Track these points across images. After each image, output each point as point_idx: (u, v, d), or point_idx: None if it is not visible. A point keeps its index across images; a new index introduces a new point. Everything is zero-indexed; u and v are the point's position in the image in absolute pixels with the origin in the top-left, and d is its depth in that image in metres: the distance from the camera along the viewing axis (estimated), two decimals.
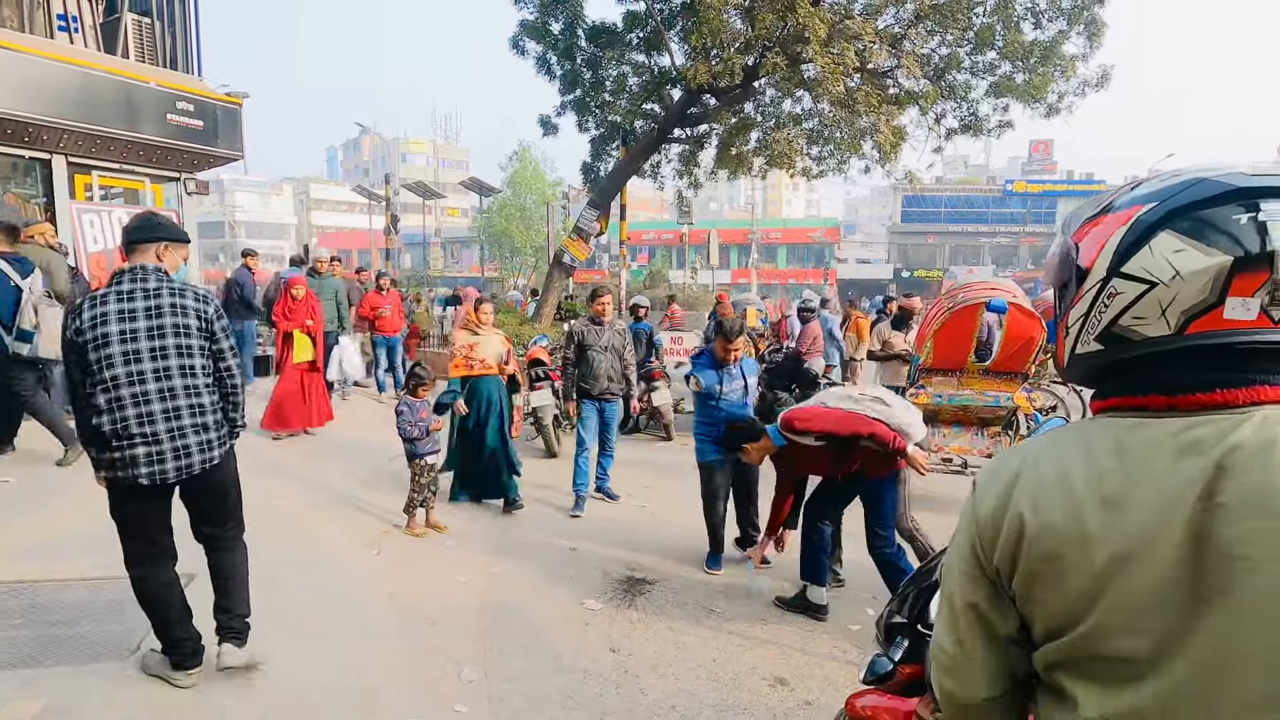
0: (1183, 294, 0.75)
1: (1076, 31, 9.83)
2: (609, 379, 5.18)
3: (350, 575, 3.86)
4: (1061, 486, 0.79)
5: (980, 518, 0.86)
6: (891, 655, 1.56)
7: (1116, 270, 0.79)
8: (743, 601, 3.75)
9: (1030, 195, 45.85)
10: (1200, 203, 0.74)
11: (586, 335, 5.21)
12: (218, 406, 2.65)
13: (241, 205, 64.79)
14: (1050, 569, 0.79)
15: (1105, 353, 0.82)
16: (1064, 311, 0.87)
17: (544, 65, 12.89)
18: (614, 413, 5.37)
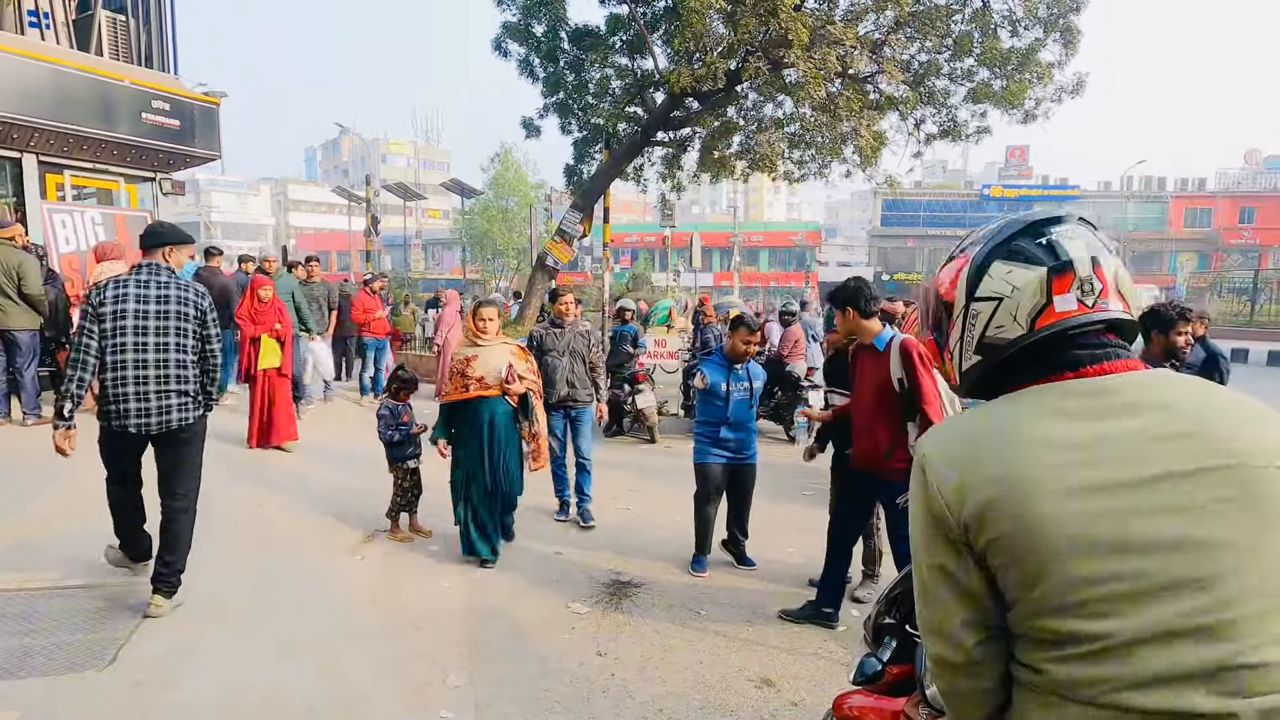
0: (1023, 301, 1.00)
1: (1052, 39, 10.02)
2: (569, 384, 4.79)
3: (333, 582, 3.82)
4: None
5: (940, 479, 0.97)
6: (880, 656, 1.57)
7: (971, 297, 1.04)
8: (729, 603, 3.77)
9: (1007, 200, 46.55)
10: (1011, 236, 1.03)
11: (545, 339, 4.85)
12: (198, 379, 3.30)
13: (218, 206, 63.83)
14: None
15: (984, 360, 1.05)
16: (944, 342, 1.11)
17: (526, 67, 12.87)
18: (585, 419, 4.96)
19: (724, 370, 4.08)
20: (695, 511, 4.19)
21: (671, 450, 7.60)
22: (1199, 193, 46.27)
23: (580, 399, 4.84)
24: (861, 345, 3.41)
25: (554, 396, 4.71)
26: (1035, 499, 0.89)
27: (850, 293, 3.39)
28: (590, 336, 4.96)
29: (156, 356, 3.14)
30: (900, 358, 3.23)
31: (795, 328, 8.48)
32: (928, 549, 0.99)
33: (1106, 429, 0.91)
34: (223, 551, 4.05)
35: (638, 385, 7.96)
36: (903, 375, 3.23)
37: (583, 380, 4.84)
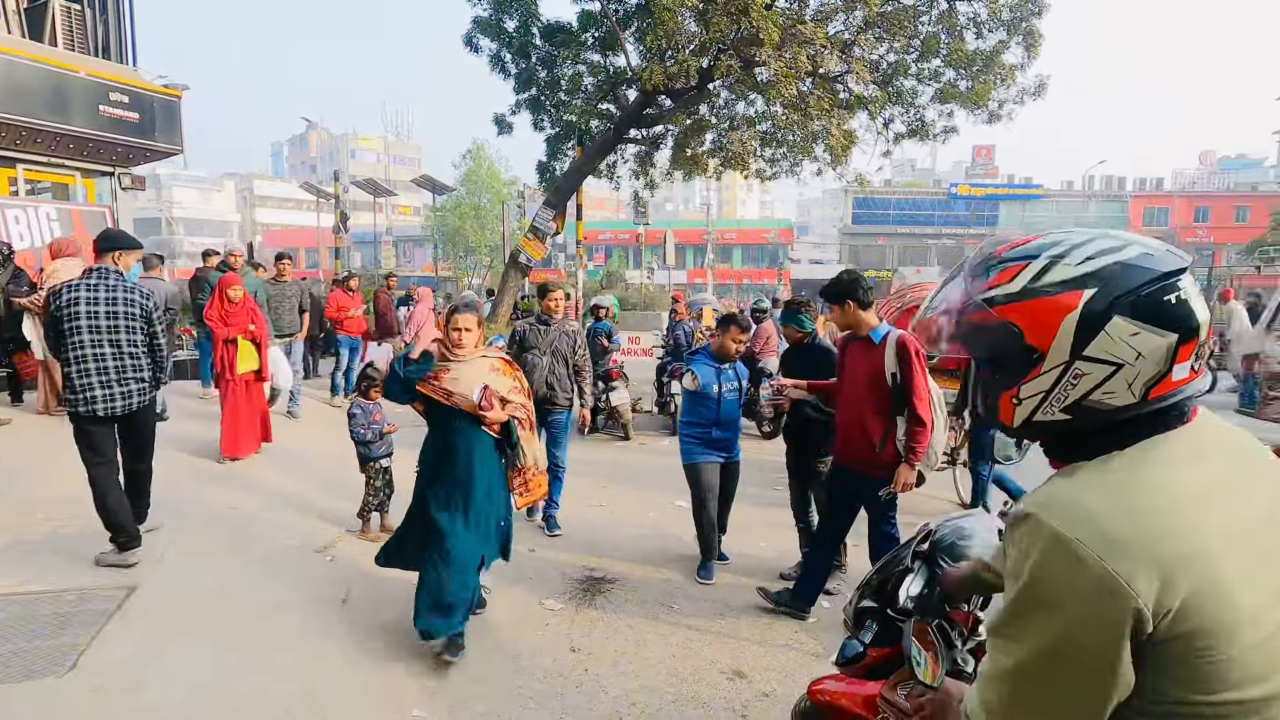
0: (1145, 370, 0.86)
1: (1015, 41, 10.25)
2: (548, 386, 4.56)
3: (304, 582, 3.77)
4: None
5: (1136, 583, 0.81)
6: (862, 639, 1.61)
7: (1079, 354, 0.88)
8: (701, 598, 3.80)
9: (974, 199, 47.49)
10: (1137, 288, 0.86)
11: (529, 336, 4.65)
12: (149, 367, 3.83)
13: (180, 201, 62.20)
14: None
15: (1073, 421, 0.91)
16: (1012, 384, 0.94)
17: (498, 63, 12.77)
18: (562, 424, 4.74)
19: (714, 370, 3.98)
20: (696, 518, 4.04)
21: (646, 447, 7.63)
22: (1157, 192, 47.68)
23: (559, 402, 4.64)
24: (854, 337, 3.37)
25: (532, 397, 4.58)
26: (1223, 565, 0.81)
27: (848, 286, 3.34)
28: (576, 337, 4.75)
29: (112, 350, 3.65)
30: (897, 352, 3.22)
31: (767, 324, 8.57)
32: (1091, 646, 0.83)
33: (1219, 473, 0.88)
34: (189, 554, 3.97)
35: (612, 382, 7.98)
36: (897, 370, 3.22)
37: (563, 382, 4.63)
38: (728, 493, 4.17)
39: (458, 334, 3.18)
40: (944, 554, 1.54)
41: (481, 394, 3.07)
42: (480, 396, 3.07)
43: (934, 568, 1.54)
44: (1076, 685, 0.86)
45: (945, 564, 1.52)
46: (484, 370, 3.20)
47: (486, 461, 3.20)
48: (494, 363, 3.29)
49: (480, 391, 3.08)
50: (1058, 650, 0.85)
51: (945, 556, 1.53)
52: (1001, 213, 47.61)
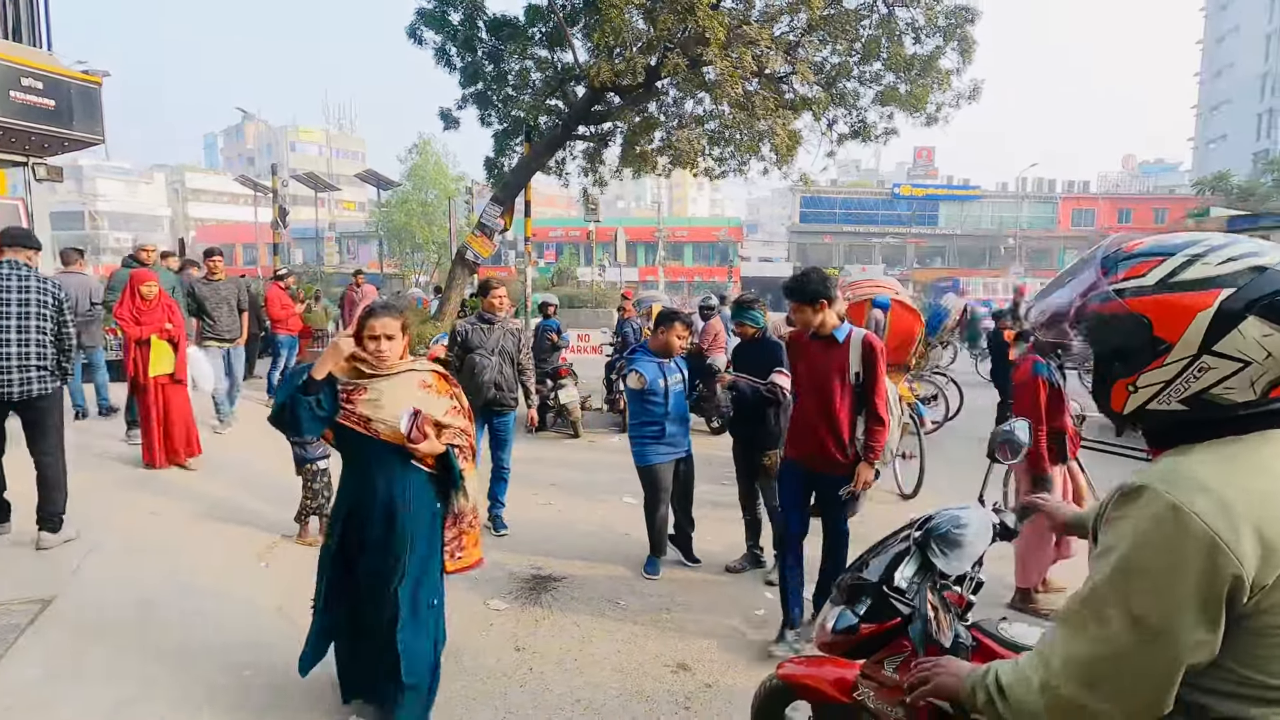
0: (1271, 370, 0.91)
1: (951, 47, 10.59)
2: (495, 387, 4.46)
3: (235, 590, 3.63)
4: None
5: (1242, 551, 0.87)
6: (857, 611, 1.65)
7: (1208, 349, 0.92)
8: (647, 593, 3.82)
9: (915, 199, 49.02)
10: (1274, 292, 0.90)
11: (471, 335, 4.50)
12: (55, 357, 3.90)
13: (104, 194, 58.99)
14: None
15: (1189, 413, 0.96)
16: (1131, 373, 0.99)
17: (443, 56, 12.53)
18: (508, 427, 4.67)
19: (657, 366, 3.97)
20: (648, 516, 4.04)
21: (595, 445, 7.62)
22: (1084, 194, 50.13)
23: (507, 403, 4.57)
24: (816, 335, 3.26)
25: (478, 400, 4.36)
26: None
27: (821, 286, 3.20)
28: (521, 335, 4.68)
29: (19, 338, 3.75)
30: (863, 352, 3.20)
31: (715, 321, 8.66)
32: (1189, 614, 0.89)
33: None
34: (107, 564, 3.77)
35: (560, 380, 7.94)
36: (860, 369, 3.20)
37: (510, 383, 4.54)
38: (687, 487, 4.18)
39: (376, 344, 2.37)
40: (939, 541, 1.60)
41: (411, 421, 2.36)
42: (409, 425, 2.35)
43: (928, 554, 1.61)
44: (1160, 653, 0.90)
45: (940, 551, 1.59)
46: (413, 388, 2.46)
47: (421, 512, 2.49)
48: (425, 377, 2.53)
49: (409, 418, 2.36)
50: (1148, 616, 0.90)
51: (940, 544, 1.60)
52: (941, 212, 49.30)
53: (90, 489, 4.46)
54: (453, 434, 2.53)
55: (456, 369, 4.40)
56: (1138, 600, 0.91)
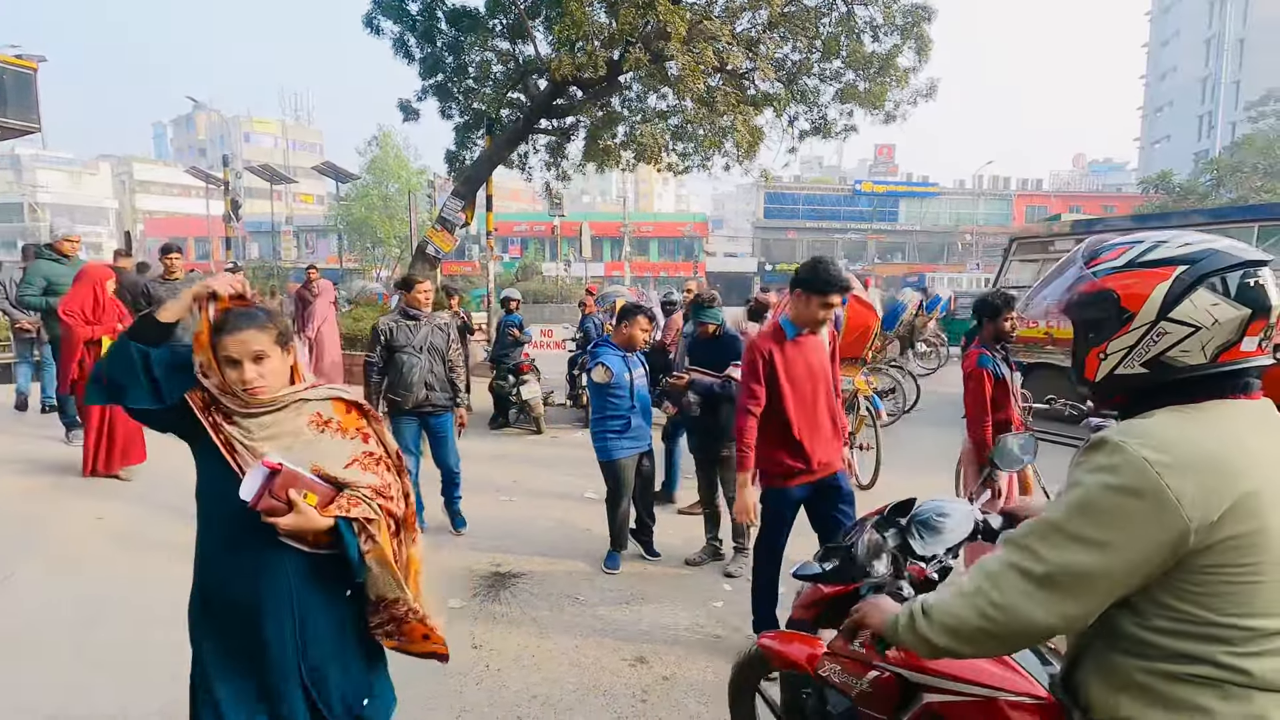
0: (1217, 336, 1.04)
1: (908, 46, 10.78)
2: (427, 386, 4.26)
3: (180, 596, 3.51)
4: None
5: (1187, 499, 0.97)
6: (823, 564, 1.70)
7: (1165, 315, 1.06)
8: (607, 587, 3.83)
9: (876, 195, 49.90)
10: (1224, 269, 1.04)
11: (396, 333, 4.25)
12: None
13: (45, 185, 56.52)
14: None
15: (1149, 376, 1.09)
16: (1101, 340, 1.13)
17: (401, 46, 12.28)
18: (446, 426, 4.45)
19: (622, 359, 3.95)
20: (609, 511, 4.03)
21: (558, 440, 7.59)
22: (1036, 192, 51.64)
23: (439, 403, 4.35)
24: (808, 333, 3.04)
25: (409, 400, 4.23)
26: (1269, 510, 0.97)
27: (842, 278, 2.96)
28: (449, 331, 4.46)
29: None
30: (829, 345, 3.14)
31: (677, 316, 8.68)
32: (1132, 546, 1.00)
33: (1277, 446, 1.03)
34: (44, 572, 3.64)
35: (523, 376, 7.89)
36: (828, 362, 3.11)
37: (442, 381, 4.35)
38: (649, 481, 4.18)
39: (238, 370, 1.59)
40: (920, 526, 1.72)
41: (263, 484, 1.53)
42: (257, 489, 1.53)
43: (905, 535, 1.73)
44: (1097, 565, 1.01)
45: (918, 534, 1.71)
46: (300, 425, 1.67)
47: (311, 599, 1.67)
48: (321, 410, 1.71)
49: (260, 479, 1.53)
50: (1092, 536, 1.02)
51: (920, 528, 1.71)
52: (901, 209, 50.28)
53: (28, 494, 4.29)
54: (353, 501, 1.63)
55: (378, 369, 4.26)
56: (1085, 526, 1.03)
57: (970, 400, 3.58)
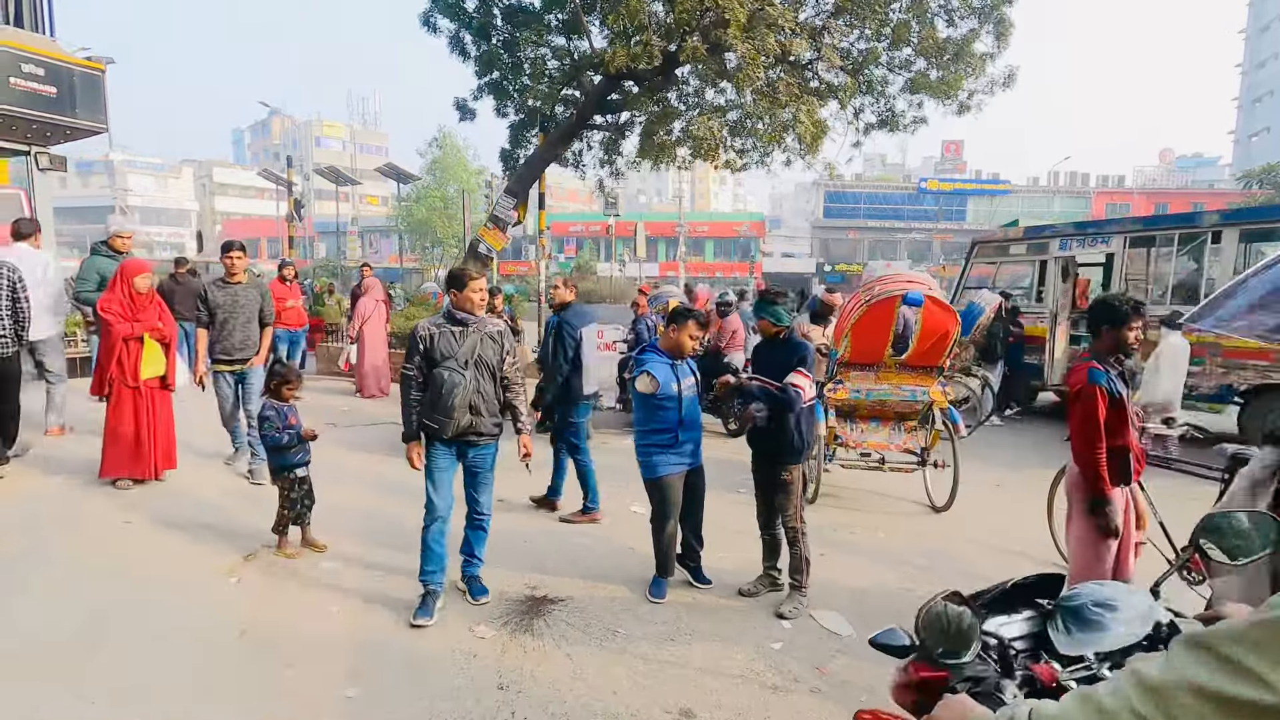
0: None
1: (986, 30, 10.03)
2: (472, 410, 3.35)
3: (196, 611, 3.32)
4: None
5: None
6: (913, 634, 1.34)
7: None
8: (650, 619, 3.45)
9: (943, 194, 47.92)
10: None
11: (437, 341, 3.34)
12: (12, 328, 4.89)
13: (134, 188, 60.03)
14: None
15: None
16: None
17: (457, 44, 12.23)
18: (488, 462, 3.50)
19: (670, 367, 3.60)
20: (656, 535, 3.68)
21: (606, 446, 7.26)
22: (1118, 189, 48.67)
23: (485, 431, 3.43)
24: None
25: (449, 428, 3.31)
26: None
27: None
28: (504, 339, 3.52)
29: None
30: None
31: (733, 318, 8.27)
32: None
33: None
34: (60, 580, 3.51)
35: None
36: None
37: (491, 404, 3.43)
38: (697, 500, 3.80)
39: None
40: (1069, 615, 1.32)
41: None
42: None
43: (1048, 622, 1.34)
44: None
45: (1064, 626, 1.31)
46: None
47: None
48: None
49: None
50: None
51: (1069, 619, 1.32)
52: (969, 208, 48.16)
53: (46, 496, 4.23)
54: None
55: (418, 384, 3.38)
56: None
57: (1080, 423, 3.04)
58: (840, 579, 3.95)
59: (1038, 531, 4.53)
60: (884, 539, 4.69)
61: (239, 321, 5.18)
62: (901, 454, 5.45)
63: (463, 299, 3.42)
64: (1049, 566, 4.26)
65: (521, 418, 3.59)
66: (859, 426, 5.49)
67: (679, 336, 3.61)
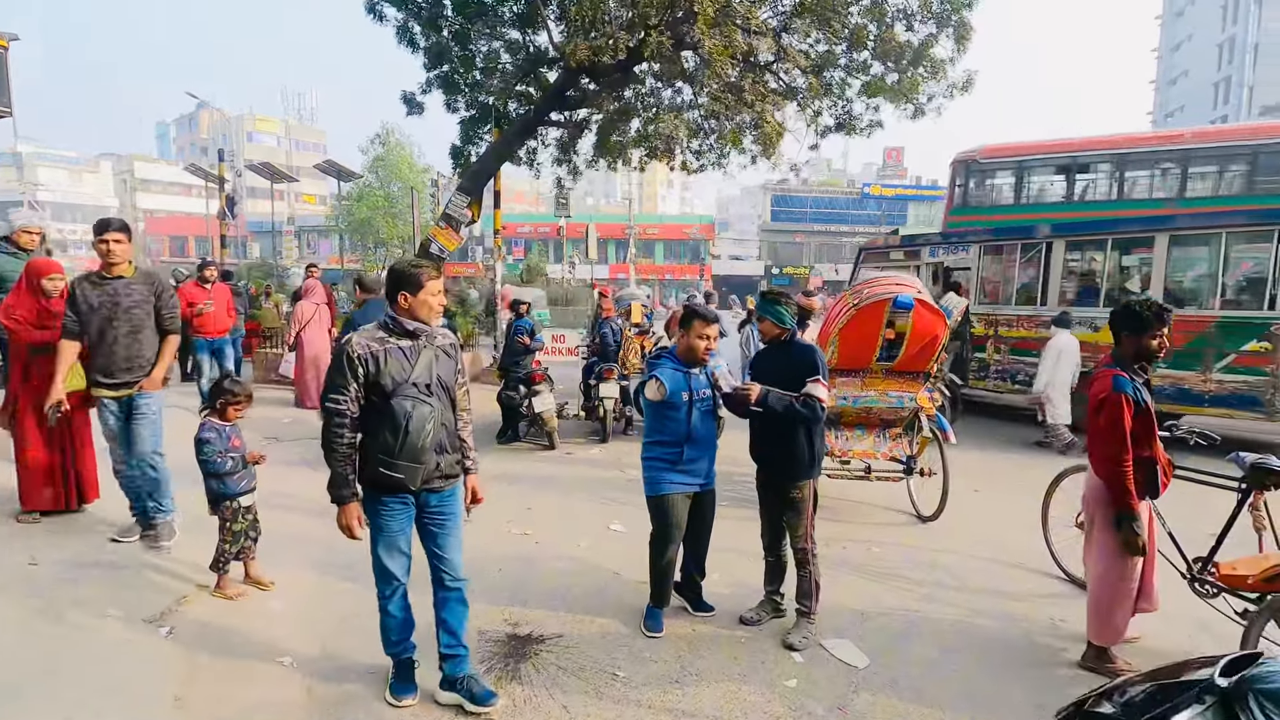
0: None
1: (945, 34, 10.10)
2: (439, 449, 2.62)
3: (120, 674, 2.81)
4: None
5: None
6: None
7: None
8: (651, 656, 3.13)
9: (885, 199, 49.21)
10: None
11: (386, 362, 2.53)
12: None
13: (45, 182, 56.07)
14: None
15: None
16: None
17: (406, 35, 11.65)
18: (454, 507, 2.74)
19: (684, 376, 3.27)
20: (653, 557, 3.34)
21: (573, 457, 6.90)
22: None
23: (450, 472, 2.70)
24: None
25: (417, 476, 2.54)
26: None
27: None
28: (457, 354, 2.79)
29: None
30: None
31: None
32: None
33: None
34: None
35: (535, 386, 7.20)
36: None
37: (454, 437, 2.72)
38: (703, 527, 3.45)
39: None
40: (1268, 699, 1.11)
41: None
42: None
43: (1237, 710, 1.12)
44: None
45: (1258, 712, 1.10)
46: None
47: None
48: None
49: None
50: None
51: (1269, 703, 1.10)
52: (910, 212, 49.55)
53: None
54: None
55: (352, 421, 2.53)
56: None
57: (1105, 434, 2.87)
58: (840, 599, 3.71)
59: (1027, 540, 4.43)
60: (878, 554, 4.49)
61: (122, 330, 3.89)
62: (888, 463, 5.28)
63: (417, 304, 2.60)
64: (1046, 578, 4.14)
65: (471, 454, 2.83)
66: (844, 434, 5.29)
67: (689, 340, 3.31)
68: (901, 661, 3.14)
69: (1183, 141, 12.33)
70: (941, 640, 3.36)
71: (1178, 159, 12.17)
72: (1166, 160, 12.34)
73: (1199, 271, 8.09)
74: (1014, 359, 8.94)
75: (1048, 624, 3.57)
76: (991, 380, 9.10)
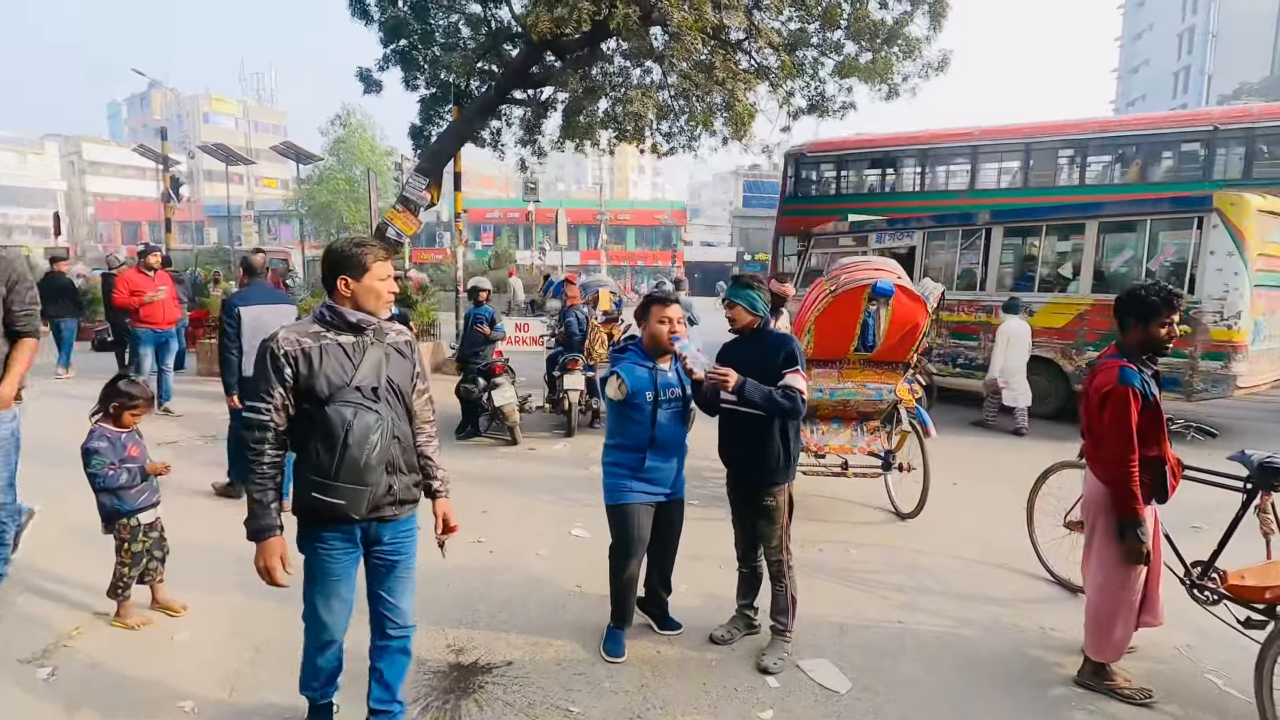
0: None
1: (921, 11, 9.83)
2: (390, 469, 2.14)
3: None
4: None
5: None
6: None
7: None
8: (610, 685, 2.80)
9: None
10: None
11: (321, 360, 2.07)
12: None
13: None
14: None
15: None
16: None
17: (359, 6, 11.04)
18: (409, 546, 2.31)
19: (648, 373, 2.92)
20: (612, 573, 3.00)
21: (535, 454, 6.54)
22: None
23: (405, 497, 2.22)
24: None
25: (361, 503, 2.07)
26: None
27: None
28: (414, 354, 2.30)
29: None
30: None
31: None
32: None
33: None
34: None
35: (495, 378, 6.80)
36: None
37: (410, 454, 2.24)
38: (670, 540, 3.10)
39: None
40: None
41: None
42: None
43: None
44: None
45: None
46: None
47: None
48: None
49: None
50: None
51: None
52: None
53: None
54: None
55: (278, 435, 2.07)
56: None
57: (1112, 430, 2.60)
58: (818, 610, 3.43)
59: (1011, 536, 4.20)
60: (856, 556, 4.22)
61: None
62: (865, 457, 5.02)
63: (361, 291, 2.11)
64: (1033, 580, 3.91)
65: (438, 473, 2.37)
66: (819, 428, 5.01)
67: (650, 328, 2.96)
68: (884, 683, 2.86)
69: (972, 139, 13.00)
70: (927, 655, 3.09)
71: (967, 155, 13.03)
72: (961, 156, 13.18)
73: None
74: (955, 343, 9.05)
75: (1038, 633, 3.32)
76: (934, 364, 9.07)
